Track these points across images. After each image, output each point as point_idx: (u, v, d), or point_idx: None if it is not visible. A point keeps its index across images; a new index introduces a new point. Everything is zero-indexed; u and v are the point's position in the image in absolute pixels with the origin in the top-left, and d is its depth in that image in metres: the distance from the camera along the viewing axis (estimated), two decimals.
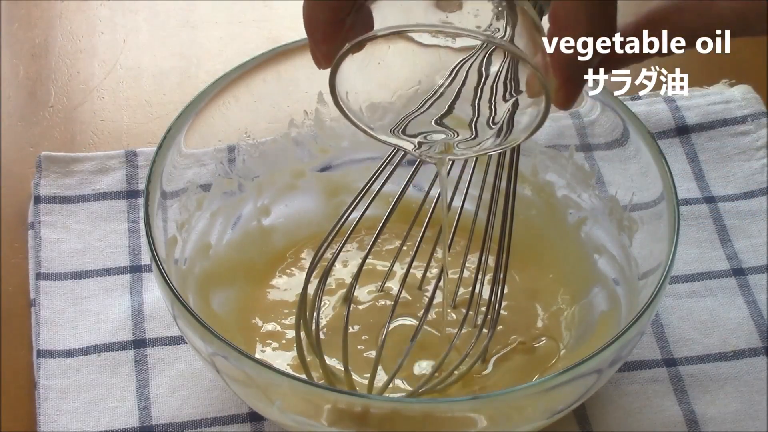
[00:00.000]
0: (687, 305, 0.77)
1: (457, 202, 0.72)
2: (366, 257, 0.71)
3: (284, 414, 0.64)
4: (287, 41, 0.77)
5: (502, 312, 0.72)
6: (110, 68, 0.92)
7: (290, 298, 0.76)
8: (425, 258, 0.75)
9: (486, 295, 0.73)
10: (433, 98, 0.64)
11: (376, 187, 0.70)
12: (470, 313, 0.72)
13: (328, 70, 0.60)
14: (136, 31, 0.95)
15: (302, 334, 0.70)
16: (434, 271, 0.76)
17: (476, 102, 0.63)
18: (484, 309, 0.72)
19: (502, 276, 0.70)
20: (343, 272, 0.77)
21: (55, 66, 0.92)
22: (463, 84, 0.63)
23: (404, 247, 0.75)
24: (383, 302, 0.75)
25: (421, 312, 0.73)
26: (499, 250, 0.70)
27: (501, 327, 0.72)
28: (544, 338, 0.74)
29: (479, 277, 0.72)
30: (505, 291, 0.72)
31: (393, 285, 0.76)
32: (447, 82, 0.63)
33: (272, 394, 0.64)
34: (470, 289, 0.74)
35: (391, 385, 0.70)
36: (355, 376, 0.71)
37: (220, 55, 0.94)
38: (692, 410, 0.72)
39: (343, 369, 0.70)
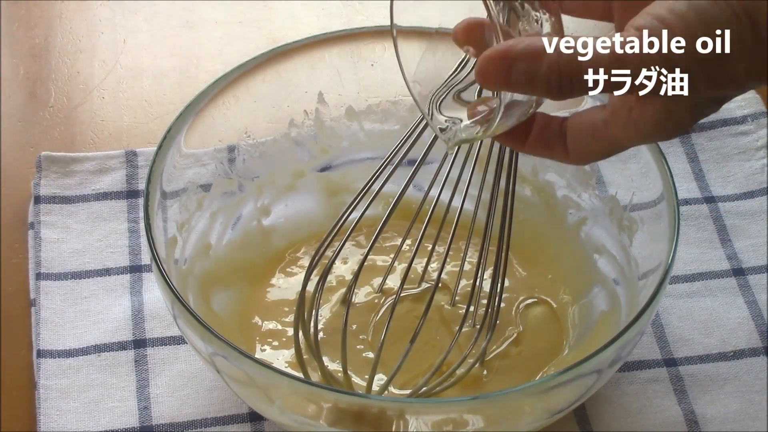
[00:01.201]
0: (687, 305, 0.77)
1: (456, 202, 0.72)
2: (364, 259, 0.71)
3: (284, 414, 0.64)
4: (287, 41, 0.77)
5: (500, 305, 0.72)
6: (110, 68, 0.92)
7: (291, 296, 0.76)
8: (425, 255, 0.75)
9: (485, 293, 0.73)
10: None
11: (376, 187, 0.70)
12: (470, 309, 0.72)
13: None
14: (136, 31, 0.95)
15: (300, 335, 0.70)
16: (434, 265, 0.76)
17: None
18: (482, 308, 0.72)
19: (500, 277, 0.70)
20: (342, 269, 0.77)
21: (55, 66, 0.92)
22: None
23: (404, 245, 0.75)
24: (382, 301, 0.75)
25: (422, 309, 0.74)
26: (498, 250, 0.70)
27: (498, 321, 0.72)
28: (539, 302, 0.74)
29: (478, 275, 0.72)
30: (506, 285, 0.72)
31: (392, 282, 0.76)
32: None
33: (272, 394, 0.64)
34: (469, 287, 0.75)
35: (390, 387, 0.70)
36: (355, 379, 0.71)
37: (220, 55, 0.94)
38: (692, 410, 0.72)
39: (341, 371, 0.70)
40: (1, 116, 0.88)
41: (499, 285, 0.70)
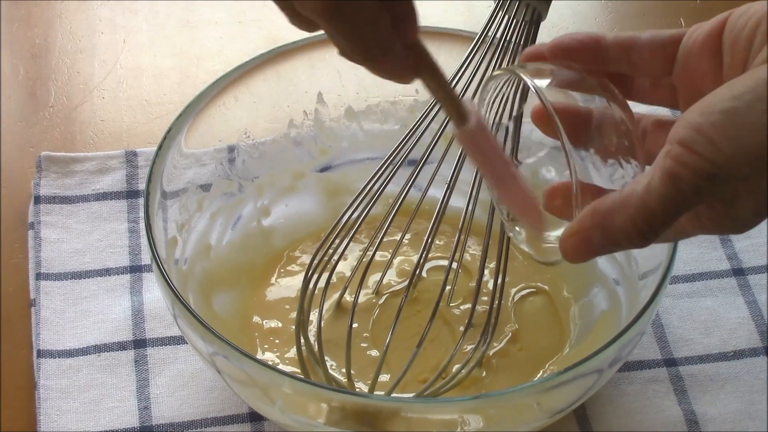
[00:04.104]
0: (687, 305, 0.77)
1: (455, 201, 0.72)
2: (368, 266, 0.72)
3: (285, 414, 0.64)
4: (287, 41, 0.77)
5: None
6: (110, 68, 0.92)
7: (292, 294, 0.76)
8: (426, 253, 0.75)
9: (485, 295, 0.73)
10: None
11: (376, 187, 0.70)
12: (471, 309, 0.72)
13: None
14: (136, 31, 0.95)
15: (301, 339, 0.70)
16: (433, 262, 0.76)
17: None
18: (480, 306, 0.72)
19: (501, 274, 0.70)
20: (341, 266, 0.76)
21: (55, 66, 0.92)
22: None
23: (403, 241, 0.75)
24: (382, 300, 0.75)
25: (419, 305, 0.74)
26: (499, 251, 0.70)
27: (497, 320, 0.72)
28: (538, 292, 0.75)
29: (481, 274, 0.72)
30: (507, 280, 0.72)
31: (391, 279, 0.76)
32: None
33: (273, 394, 0.64)
34: (467, 287, 0.75)
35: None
36: (357, 380, 0.71)
37: (220, 55, 0.94)
38: (692, 410, 0.72)
39: (342, 372, 0.71)
40: (1, 116, 0.88)
41: (499, 286, 0.70)
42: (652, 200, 0.52)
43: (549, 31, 0.87)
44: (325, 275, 0.71)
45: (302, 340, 0.71)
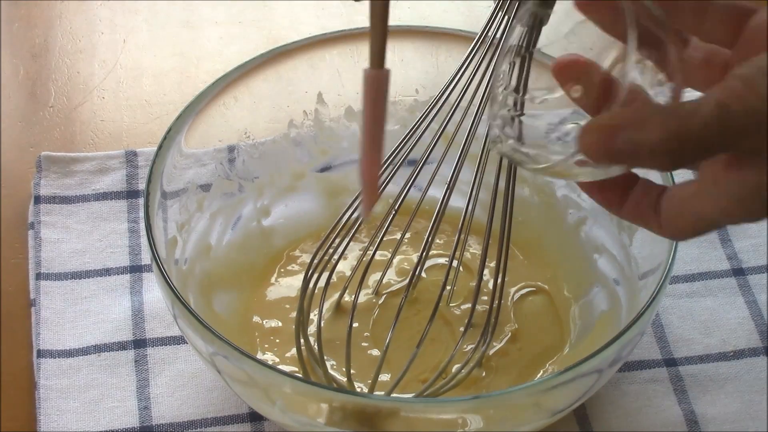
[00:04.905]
0: (687, 305, 0.77)
1: (455, 202, 0.72)
2: (367, 267, 0.72)
3: (285, 414, 0.64)
4: (287, 41, 0.77)
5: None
6: (110, 68, 0.92)
7: (292, 294, 0.76)
8: (425, 253, 0.75)
9: (485, 295, 0.73)
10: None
11: None
12: (470, 310, 0.72)
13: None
14: (136, 31, 0.95)
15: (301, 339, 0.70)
16: (433, 260, 0.76)
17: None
18: (480, 305, 0.72)
19: (501, 275, 0.70)
20: (341, 265, 0.76)
21: (55, 66, 0.92)
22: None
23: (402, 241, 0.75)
24: (382, 299, 0.75)
25: (419, 305, 0.74)
26: (499, 251, 0.70)
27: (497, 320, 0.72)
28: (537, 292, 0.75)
29: (481, 274, 0.72)
30: (507, 279, 0.72)
31: (391, 279, 0.76)
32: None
33: (273, 394, 0.64)
34: (467, 286, 0.75)
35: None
36: (357, 381, 0.71)
37: (220, 55, 0.94)
38: (692, 410, 0.72)
39: (342, 372, 0.71)
40: (1, 116, 0.88)
41: (499, 285, 0.71)
42: (694, 122, 0.50)
43: (548, 32, 0.87)
44: (325, 275, 0.72)
45: (302, 340, 0.71)
